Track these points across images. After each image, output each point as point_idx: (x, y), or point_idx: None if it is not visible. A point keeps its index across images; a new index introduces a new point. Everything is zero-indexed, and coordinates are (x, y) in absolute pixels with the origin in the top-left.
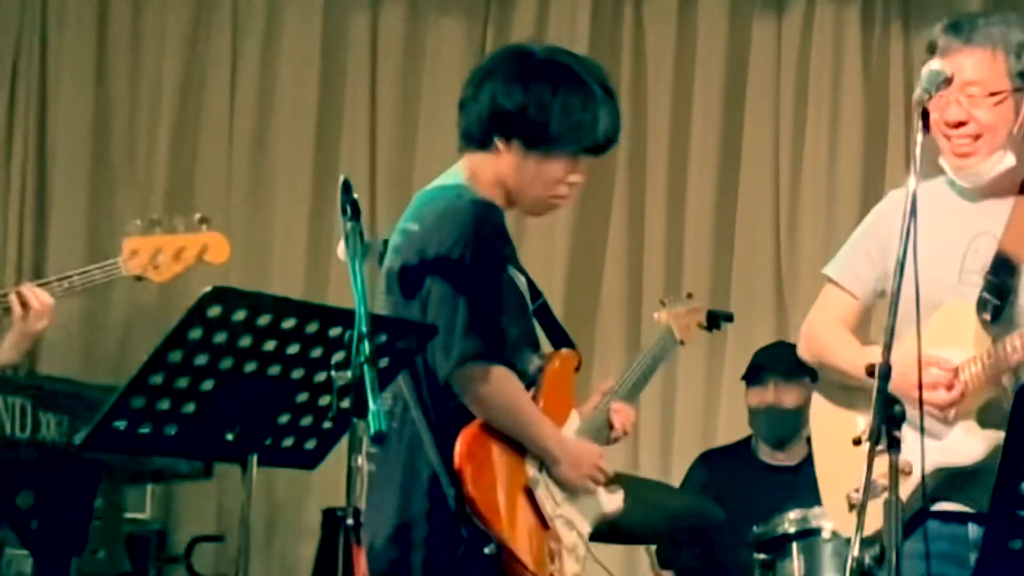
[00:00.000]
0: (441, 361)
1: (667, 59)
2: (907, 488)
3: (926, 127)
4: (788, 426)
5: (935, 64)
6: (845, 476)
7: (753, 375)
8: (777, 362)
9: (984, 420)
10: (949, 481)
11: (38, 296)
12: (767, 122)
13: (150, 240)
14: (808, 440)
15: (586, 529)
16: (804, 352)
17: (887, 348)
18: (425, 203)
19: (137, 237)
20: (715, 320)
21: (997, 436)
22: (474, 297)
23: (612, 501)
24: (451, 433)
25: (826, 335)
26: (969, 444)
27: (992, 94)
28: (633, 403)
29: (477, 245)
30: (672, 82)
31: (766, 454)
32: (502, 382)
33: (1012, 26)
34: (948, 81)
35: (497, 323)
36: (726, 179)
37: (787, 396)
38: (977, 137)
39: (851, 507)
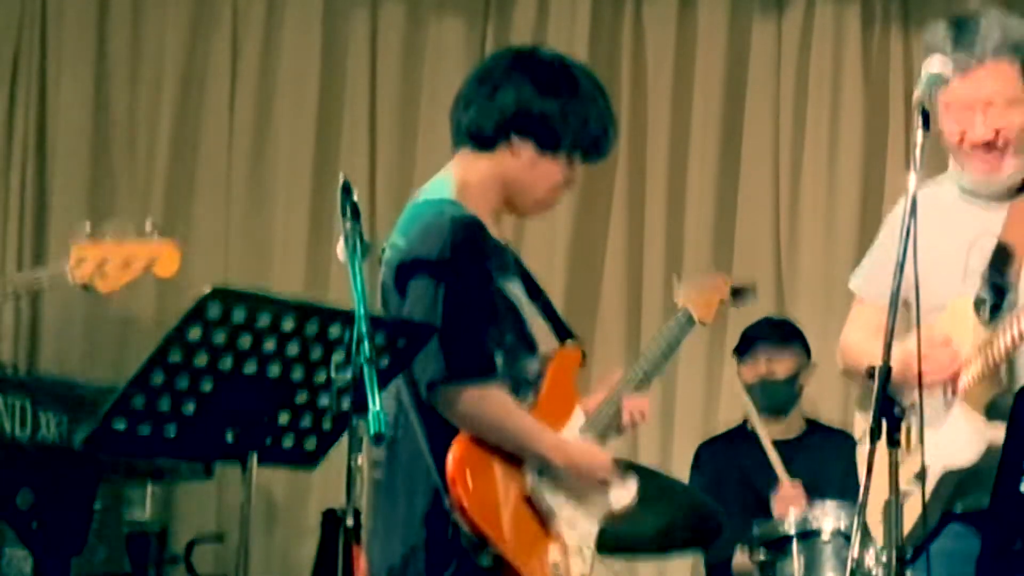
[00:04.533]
0: (419, 382)
1: (667, 59)
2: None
3: (926, 126)
4: (782, 396)
5: (935, 67)
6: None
7: (744, 349)
8: (765, 334)
9: (988, 415)
10: (958, 484)
11: None
12: (767, 122)
13: (98, 248)
14: (805, 418)
15: (594, 528)
16: (842, 364)
17: (887, 348)
18: (412, 217)
19: (85, 244)
20: (740, 295)
21: (996, 434)
22: (449, 315)
23: (623, 496)
24: (447, 440)
25: (862, 344)
26: (971, 444)
27: (1009, 100)
28: (644, 392)
29: (453, 264)
30: (672, 82)
31: (764, 432)
32: (480, 401)
33: (1012, 28)
34: (947, 82)
35: (478, 340)
36: (726, 179)
37: (778, 367)
38: (1004, 150)
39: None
